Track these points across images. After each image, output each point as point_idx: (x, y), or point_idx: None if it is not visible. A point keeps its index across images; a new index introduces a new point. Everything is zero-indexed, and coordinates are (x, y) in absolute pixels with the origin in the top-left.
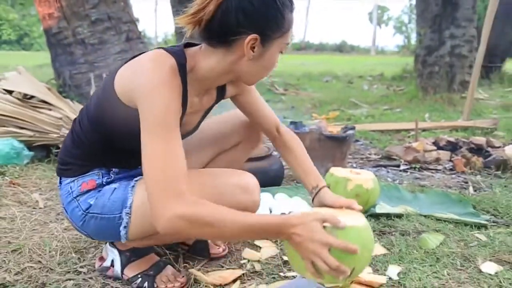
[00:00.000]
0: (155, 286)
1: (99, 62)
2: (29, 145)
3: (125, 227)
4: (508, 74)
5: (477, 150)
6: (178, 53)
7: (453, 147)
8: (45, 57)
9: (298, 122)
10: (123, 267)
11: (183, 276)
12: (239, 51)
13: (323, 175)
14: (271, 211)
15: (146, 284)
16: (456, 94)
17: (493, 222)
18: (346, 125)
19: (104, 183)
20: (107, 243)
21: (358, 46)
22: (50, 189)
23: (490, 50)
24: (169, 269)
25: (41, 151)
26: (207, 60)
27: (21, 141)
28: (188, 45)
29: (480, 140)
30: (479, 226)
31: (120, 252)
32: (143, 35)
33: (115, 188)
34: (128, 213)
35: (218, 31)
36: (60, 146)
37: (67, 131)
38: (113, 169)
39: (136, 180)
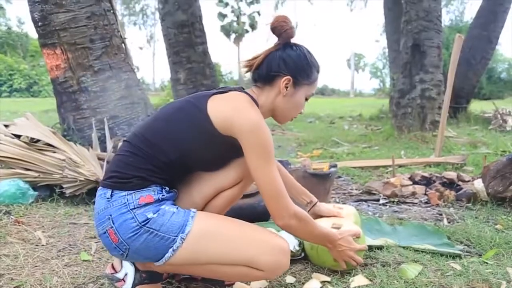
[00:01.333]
0: None
1: (101, 108)
2: (34, 185)
3: (174, 250)
4: (473, 114)
5: (449, 184)
6: (252, 97)
7: (427, 181)
8: (51, 103)
9: (284, 160)
10: (134, 285)
11: None
12: (277, 87)
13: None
14: None
15: None
16: (428, 133)
17: (467, 252)
18: (329, 163)
19: (160, 199)
20: None
21: (338, 89)
22: (52, 227)
23: (456, 92)
24: None
25: (45, 190)
26: (260, 99)
27: (26, 182)
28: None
29: (452, 175)
30: (454, 256)
31: (136, 270)
32: (141, 82)
33: (173, 212)
34: (183, 238)
35: (264, 71)
36: (65, 185)
37: (70, 172)
38: (166, 188)
39: (195, 212)
